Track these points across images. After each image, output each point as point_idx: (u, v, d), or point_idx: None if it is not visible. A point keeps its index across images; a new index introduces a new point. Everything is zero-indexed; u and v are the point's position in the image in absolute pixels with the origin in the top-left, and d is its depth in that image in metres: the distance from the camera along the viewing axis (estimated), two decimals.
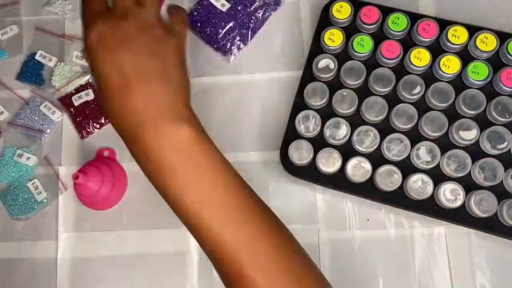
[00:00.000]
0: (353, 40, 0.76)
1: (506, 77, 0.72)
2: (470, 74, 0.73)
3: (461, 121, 0.72)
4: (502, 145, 0.71)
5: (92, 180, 0.73)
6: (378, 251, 0.75)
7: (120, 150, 0.80)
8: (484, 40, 0.74)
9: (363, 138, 0.74)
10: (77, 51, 0.86)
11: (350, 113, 0.75)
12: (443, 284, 0.73)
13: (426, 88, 0.74)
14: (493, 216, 0.70)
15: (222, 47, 0.84)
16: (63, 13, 0.88)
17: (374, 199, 0.74)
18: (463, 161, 0.71)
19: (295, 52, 0.84)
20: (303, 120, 0.75)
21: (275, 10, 0.86)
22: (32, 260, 0.78)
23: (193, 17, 0.85)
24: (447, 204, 0.70)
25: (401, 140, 0.73)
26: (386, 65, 0.76)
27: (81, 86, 0.85)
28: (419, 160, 0.72)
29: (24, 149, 0.82)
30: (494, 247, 0.74)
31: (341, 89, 0.75)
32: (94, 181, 0.73)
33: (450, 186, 0.70)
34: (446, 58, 0.74)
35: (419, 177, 0.71)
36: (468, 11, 0.80)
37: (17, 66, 0.87)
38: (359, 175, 0.72)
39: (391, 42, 0.75)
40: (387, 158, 0.73)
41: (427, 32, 0.75)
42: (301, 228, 0.76)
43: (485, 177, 0.71)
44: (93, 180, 0.73)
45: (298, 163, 0.74)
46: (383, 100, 0.74)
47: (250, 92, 0.83)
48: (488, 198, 0.70)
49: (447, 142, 0.73)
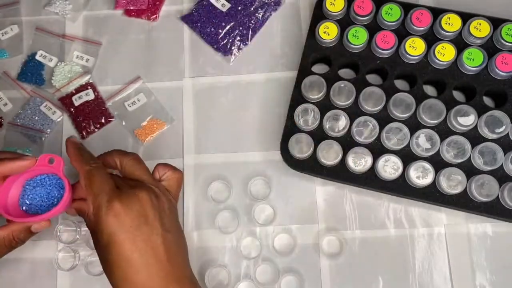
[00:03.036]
0: (348, 32, 0.77)
1: (501, 62, 0.73)
2: (465, 61, 0.74)
3: (459, 107, 0.72)
4: (500, 129, 0.71)
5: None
6: (378, 251, 0.75)
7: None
8: (478, 27, 0.74)
9: (362, 129, 0.74)
10: (77, 51, 0.88)
11: (348, 104, 0.76)
12: (443, 284, 0.73)
13: (422, 77, 0.75)
14: (495, 200, 0.70)
15: (222, 47, 0.85)
16: (63, 13, 0.90)
17: (376, 189, 0.74)
18: (462, 147, 0.71)
19: (295, 52, 0.85)
20: (302, 114, 0.75)
21: (275, 10, 0.87)
22: (32, 260, 0.78)
23: (193, 17, 0.87)
24: (449, 190, 0.70)
25: (400, 129, 0.73)
26: (382, 55, 0.77)
27: (81, 86, 0.85)
28: (419, 148, 0.72)
29: (24, 149, 0.82)
30: (494, 247, 0.74)
31: (338, 81, 0.76)
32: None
33: (450, 172, 0.70)
34: (441, 46, 0.74)
35: (420, 165, 0.71)
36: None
37: (17, 66, 0.88)
38: (360, 165, 0.73)
39: (386, 33, 0.76)
40: (387, 147, 0.74)
41: (420, 21, 0.76)
42: (301, 228, 0.77)
43: (485, 162, 0.71)
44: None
45: (299, 156, 0.74)
46: (381, 90, 0.74)
47: (250, 92, 0.84)
48: (489, 182, 0.70)
49: (445, 129, 0.73)
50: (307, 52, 0.79)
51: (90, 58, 0.87)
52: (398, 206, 0.76)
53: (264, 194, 0.78)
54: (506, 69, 0.73)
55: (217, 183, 0.79)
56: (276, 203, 0.78)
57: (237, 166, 0.80)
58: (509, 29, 0.74)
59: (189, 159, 0.81)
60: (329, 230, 0.76)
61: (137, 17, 0.89)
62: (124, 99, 0.84)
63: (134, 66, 0.86)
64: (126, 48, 0.88)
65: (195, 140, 0.82)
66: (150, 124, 0.83)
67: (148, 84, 0.85)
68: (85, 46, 0.88)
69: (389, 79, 0.76)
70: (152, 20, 0.89)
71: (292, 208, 0.77)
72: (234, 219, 0.77)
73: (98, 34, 0.89)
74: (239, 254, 0.75)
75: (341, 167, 0.74)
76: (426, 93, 0.76)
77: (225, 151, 0.81)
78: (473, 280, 0.72)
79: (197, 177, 0.80)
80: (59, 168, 0.63)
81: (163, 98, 0.84)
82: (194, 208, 0.78)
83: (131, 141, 0.83)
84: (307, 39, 0.80)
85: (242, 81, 0.85)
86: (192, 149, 0.81)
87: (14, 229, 0.61)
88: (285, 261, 0.75)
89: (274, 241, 0.76)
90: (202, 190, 0.79)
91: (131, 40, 0.88)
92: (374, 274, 0.74)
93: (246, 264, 0.75)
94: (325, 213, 0.77)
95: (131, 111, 0.84)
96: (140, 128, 0.83)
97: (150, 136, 0.82)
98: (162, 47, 0.87)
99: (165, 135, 0.83)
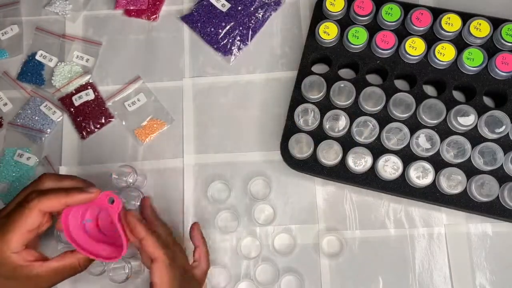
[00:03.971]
0: (348, 32, 0.77)
1: (501, 62, 0.73)
2: (465, 60, 0.74)
3: (459, 107, 0.72)
4: (500, 129, 0.71)
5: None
6: (378, 251, 0.75)
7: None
8: (478, 27, 0.74)
9: (362, 129, 0.74)
10: (77, 51, 0.88)
11: (348, 104, 0.76)
12: (443, 284, 0.73)
13: (422, 77, 0.75)
14: (495, 200, 0.70)
15: (222, 47, 0.85)
16: (63, 13, 0.90)
17: (376, 189, 0.74)
18: (462, 147, 0.71)
19: (295, 52, 0.85)
20: (302, 114, 0.75)
21: (275, 10, 0.88)
22: None
23: (193, 17, 0.87)
24: (449, 190, 0.70)
25: (400, 129, 0.73)
26: (382, 55, 0.77)
27: (81, 86, 0.85)
28: (419, 148, 0.72)
29: (24, 149, 0.82)
30: (494, 247, 0.74)
31: (338, 81, 0.76)
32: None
33: (450, 172, 0.70)
34: (441, 46, 0.74)
35: (420, 165, 0.71)
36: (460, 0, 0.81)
37: (17, 66, 0.88)
38: (360, 165, 0.72)
39: (386, 33, 0.76)
40: (387, 147, 0.74)
41: (420, 21, 0.76)
42: (301, 228, 0.77)
43: (485, 162, 0.71)
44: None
45: (299, 156, 0.74)
46: (381, 90, 0.74)
47: (250, 92, 0.84)
48: (489, 182, 0.70)
49: (445, 129, 0.73)
50: (307, 52, 0.79)
51: (90, 58, 0.87)
52: (398, 206, 0.76)
53: (264, 194, 0.78)
54: (506, 69, 0.73)
55: (217, 183, 0.79)
56: (276, 203, 0.78)
57: (237, 166, 0.80)
58: (509, 29, 0.74)
59: (189, 159, 0.81)
60: (329, 230, 0.76)
61: (137, 17, 0.89)
62: (124, 99, 0.84)
63: (134, 66, 0.86)
64: (126, 48, 0.88)
65: (195, 140, 0.82)
66: (150, 124, 0.82)
67: (148, 84, 0.85)
68: (85, 46, 0.88)
69: (389, 79, 0.76)
70: (152, 20, 0.89)
71: (292, 208, 0.77)
72: (234, 219, 0.77)
73: (98, 34, 0.89)
74: (239, 254, 0.75)
75: (341, 167, 0.74)
76: (426, 93, 0.76)
77: (225, 151, 0.81)
78: (473, 280, 0.72)
79: (197, 177, 0.80)
80: (115, 211, 0.61)
81: (163, 98, 0.84)
82: (194, 208, 0.78)
83: (131, 141, 0.83)
84: (307, 39, 0.80)
85: (242, 81, 0.85)
86: (192, 149, 0.81)
87: (81, 257, 0.62)
88: (285, 261, 0.75)
89: (274, 241, 0.76)
90: (202, 190, 0.79)
91: (131, 40, 0.88)
92: (374, 274, 0.74)
93: (246, 264, 0.75)
94: (325, 213, 0.77)
95: (131, 111, 0.84)
96: (140, 128, 0.83)
97: (150, 136, 0.82)
98: (162, 47, 0.87)
99: (165, 135, 0.83)
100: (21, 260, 0.57)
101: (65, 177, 0.64)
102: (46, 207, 0.58)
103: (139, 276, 0.76)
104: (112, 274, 0.73)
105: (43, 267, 0.59)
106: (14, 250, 0.57)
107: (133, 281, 0.76)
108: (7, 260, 0.57)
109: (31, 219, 0.57)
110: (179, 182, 0.80)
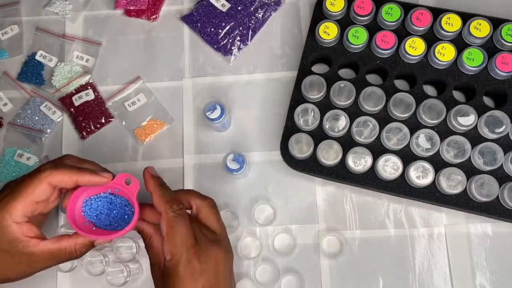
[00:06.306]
0: (348, 32, 0.77)
1: (501, 62, 0.73)
2: (465, 60, 0.74)
3: (459, 107, 0.72)
4: (500, 129, 0.71)
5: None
6: (378, 251, 0.75)
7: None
8: (478, 27, 0.74)
9: (362, 129, 0.74)
10: (77, 51, 0.88)
11: (348, 104, 0.76)
12: (443, 284, 0.73)
13: (422, 77, 0.75)
14: (495, 200, 0.70)
15: (222, 47, 0.85)
16: (63, 13, 0.90)
17: (376, 189, 0.74)
18: (462, 147, 0.71)
19: (295, 52, 0.85)
20: (302, 114, 0.76)
21: (275, 10, 0.88)
22: None
23: (193, 17, 0.87)
24: (449, 190, 0.70)
25: (400, 129, 0.73)
26: (382, 55, 0.77)
27: (81, 86, 0.85)
28: (419, 148, 0.72)
29: (24, 149, 0.82)
30: (494, 247, 0.74)
31: (338, 81, 0.76)
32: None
33: (450, 172, 0.70)
34: (441, 46, 0.74)
35: (420, 165, 0.71)
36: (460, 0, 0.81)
37: (17, 66, 0.88)
38: (360, 165, 0.72)
39: (386, 33, 0.76)
40: (387, 147, 0.74)
41: (420, 21, 0.76)
42: (301, 228, 0.77)
43: (485, 162, 0.71)
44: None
45: (299, 156, 0.74)
46: (381, 90, 0.74)
47: (250, 92, 0.84)
48: (489, 182, 0.70)
49: (445, 129, 0.74)
50: (307, 52, 0.79)
51: (90, 58, 0.87)
52: (398, 206, 0.76)
53: (264, 193, 0.78)
54: (506, 69, 0.73)
55: (217, 183, 0.79)
56: (276, 203, 0.78)
57: None
58: (509, 29, 0.74)
59: (189, 159, 0.81)
60: (329, 230, 0.76)
61: (137, 17, 0.89)
62: (124, 99, 0.84)
63: (134, 66, 0.86)
64: (126, 48, 0.88)
65: (195, 140, 0.82)
66: (150, 124, 0.82)
67: (148, 84, 0.85)
68: (85, 46, 0.88)
69: (389, 79, 0.76)
70: (152, 20, 0.89)
71: (292, 208, 0.77)
72: (234, 219, 0.77)
73: (98, 34, 0.89)
74: (239, 254, 0.75)
75: (341, 167, 0.74)
76: (426, 93, 0.76)
77: (225, 151, 0.81)
78: (473, 280, 0.73)
79: (197, 177, 0.80)
80: (134, 192, 0.61)
81: (163, 98, 0.84)
82: None
83: (131, 141, 0.83)
84: (307, 39, 0.80)
85: (242, 81, 0.85)
86: (192, 149, 0.81)
87: (79, 242, 0.60)
88: (285, 261, 0.75)
89: (274, 241, 0.76)
90: (202, 190, 0.79)
91: (131, 40, 0.88)
92: (374, 274, 0.74)
93: (246, 264, 0.75)
94: (325, 213, 0.77)
95: (131, 111, 0.84)
96: (140, 128, 0.83)
97: (150, 136, 0.82)
98: (162, 47, 0.87)
99: (165, 135, 0.83)
100: (19, 232, 0.57)
101: (87, 161, 0.64)
102: (56, 180, 0.57)
103: (137, 279, 0.76)
104: (110, 278, 0.73)
105: (39, 246, 0.58)
106: (16, 220, 0.56)
107: (132, 284, 0.76)
108: (6, 230, 0.56)
109: (39, 190, 0.57)
110: (179, 182, 0.80)
